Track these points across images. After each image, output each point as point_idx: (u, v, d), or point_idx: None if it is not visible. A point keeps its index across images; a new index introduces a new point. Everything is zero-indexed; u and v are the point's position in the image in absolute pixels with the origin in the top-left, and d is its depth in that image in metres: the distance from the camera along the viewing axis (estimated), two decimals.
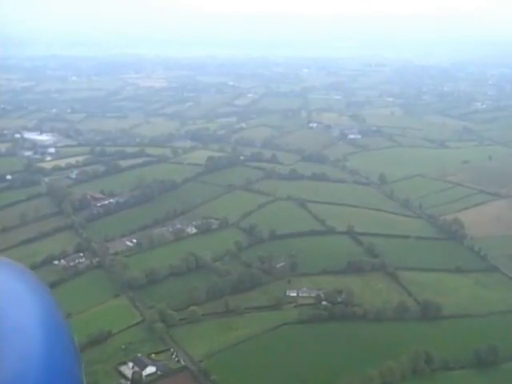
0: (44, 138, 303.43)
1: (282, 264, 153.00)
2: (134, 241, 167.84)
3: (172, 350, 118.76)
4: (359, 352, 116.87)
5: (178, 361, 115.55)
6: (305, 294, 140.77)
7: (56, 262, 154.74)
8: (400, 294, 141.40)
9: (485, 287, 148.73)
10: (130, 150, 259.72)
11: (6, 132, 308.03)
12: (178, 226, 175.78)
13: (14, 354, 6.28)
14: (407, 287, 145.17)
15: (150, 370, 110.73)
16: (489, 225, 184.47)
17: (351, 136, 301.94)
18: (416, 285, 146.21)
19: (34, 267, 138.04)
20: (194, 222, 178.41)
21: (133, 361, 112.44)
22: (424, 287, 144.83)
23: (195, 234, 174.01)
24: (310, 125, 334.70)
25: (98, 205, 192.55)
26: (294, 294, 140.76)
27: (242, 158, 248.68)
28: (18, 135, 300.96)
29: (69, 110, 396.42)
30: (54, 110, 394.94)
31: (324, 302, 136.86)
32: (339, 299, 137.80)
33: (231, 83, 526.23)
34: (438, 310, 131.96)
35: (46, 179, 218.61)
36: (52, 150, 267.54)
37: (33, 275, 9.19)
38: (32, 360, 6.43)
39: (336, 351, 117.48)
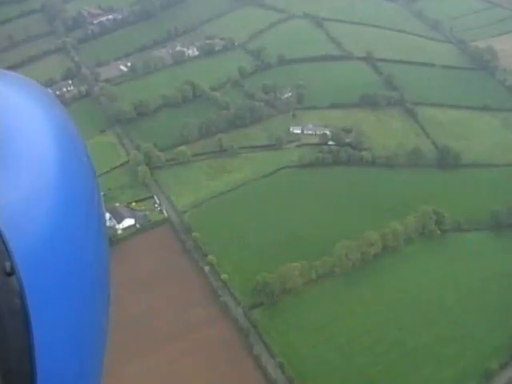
0: None
1: (287, 95, 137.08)
2: (129, 64, 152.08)
3: (155, 197, 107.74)
4: (362, 206, 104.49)
5: (161, 210, 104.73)
6: (310, 132, 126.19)
7: None
8: (417, 136, 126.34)
9: None
10: None
11: None
12: (179, 48, 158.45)
13: (29, 173, 4.46)
14: (426, 127, 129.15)
15: (128, 222, 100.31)
16: None
17: None
18: (436, 125, 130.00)
19: None
20: (196, 43, 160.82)
21: (110, 212, 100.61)
22: (444, 128, 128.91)
23: (197, 56, 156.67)
24: None
25: (95, 22, 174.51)
26: (298, 132, 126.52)
27: None
28: None
29: None
30: None
31: (330, 142, 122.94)
32: (347, 139, 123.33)
33: None
34: (457, 158, 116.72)
35: None
36: None
37: (44, 90, 5.66)
38: (48, 181, 4.50)
39: (337, 204, 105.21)
